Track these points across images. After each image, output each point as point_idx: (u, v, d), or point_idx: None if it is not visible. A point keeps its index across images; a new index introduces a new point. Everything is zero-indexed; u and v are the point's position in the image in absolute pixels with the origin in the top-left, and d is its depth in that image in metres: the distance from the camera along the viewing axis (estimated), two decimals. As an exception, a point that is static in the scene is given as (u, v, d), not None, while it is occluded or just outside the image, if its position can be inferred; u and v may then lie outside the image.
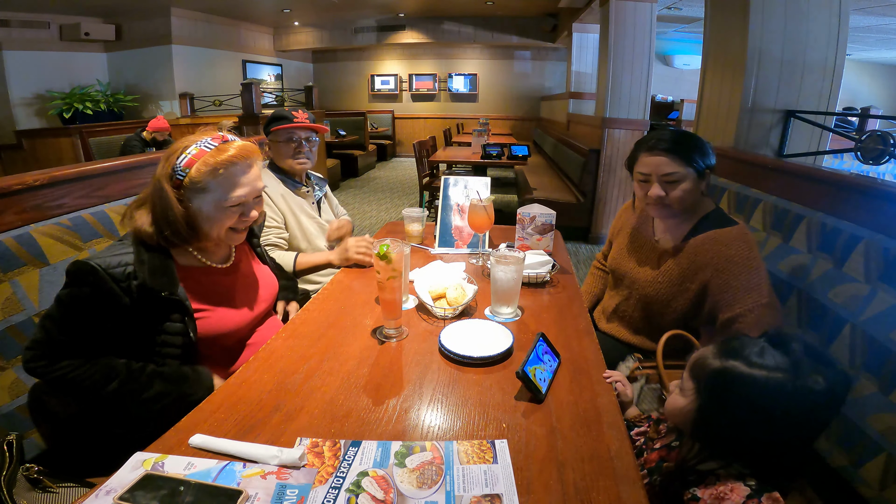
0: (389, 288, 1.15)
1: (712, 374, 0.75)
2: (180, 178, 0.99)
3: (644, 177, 1.31)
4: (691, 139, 1.28)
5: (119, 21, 6.98)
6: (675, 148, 1.25)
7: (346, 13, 8.55)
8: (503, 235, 1.83)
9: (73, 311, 0.93)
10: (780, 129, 2.24)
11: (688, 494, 0.75)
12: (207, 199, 1.02)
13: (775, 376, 0.70)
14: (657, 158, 1.26)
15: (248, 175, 1.05)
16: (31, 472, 0.84)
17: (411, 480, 0.71)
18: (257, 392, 0.92)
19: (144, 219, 1.00)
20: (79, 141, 5.08)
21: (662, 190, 1.27)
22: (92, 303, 0.93)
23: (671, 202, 1.27)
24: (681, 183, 1.25)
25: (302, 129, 1.74)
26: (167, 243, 1.02)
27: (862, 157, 1.91)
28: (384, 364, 1.03)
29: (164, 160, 1.01)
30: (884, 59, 9.51)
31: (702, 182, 1.28)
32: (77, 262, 0.93)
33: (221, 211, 1.03)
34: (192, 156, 1.00)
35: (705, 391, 0.76)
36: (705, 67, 2.57)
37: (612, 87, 4.33)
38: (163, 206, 0.99)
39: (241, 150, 1.03)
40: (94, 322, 0.95)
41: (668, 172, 1.25)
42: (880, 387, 1.02)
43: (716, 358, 0.75)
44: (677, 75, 9.72)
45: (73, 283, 0.93)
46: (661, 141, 1.27)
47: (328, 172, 6.13)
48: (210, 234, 1.06)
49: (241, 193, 1.04)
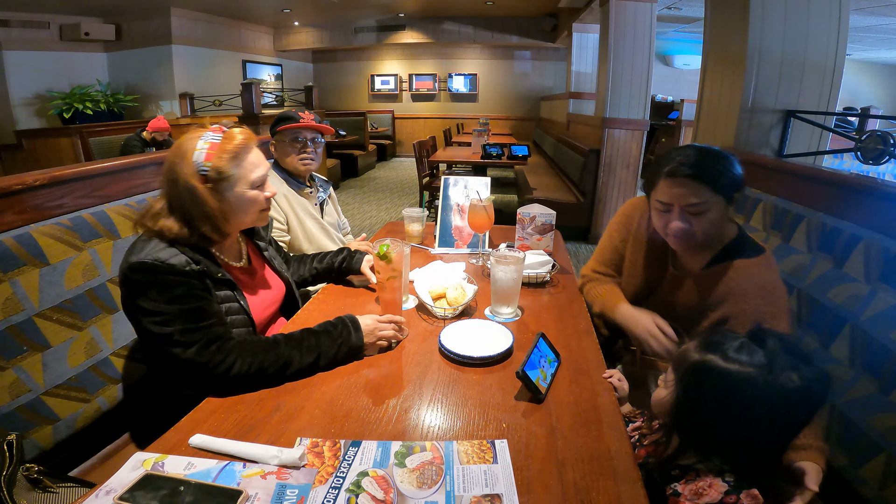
0: (389, 288, 1.15)
1: (691, 366, 0.77)
2: (204, 172, 1.00)
3: (665, 206, 1.12)
4: (719, 160, 1.09)
5: (119, 21, 6.98)
6: (702, 173, 1.06)
7: (346, 13, 8.54)
8: (503, 235, 1.83)
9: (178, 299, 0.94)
10: (780, 129, 2.24)
11: (669, 489, 0.77)
12: (236, 185, 1.04)
13: (747, 371, 0.71)
14: (680, 187, 1.08)
15: (258, 154, 1.09)
16: (31, 472, 0.84)
17: (411, 480, 0.71)
18: (257, 392, 0.92)
19: (171, 224, 0.99)
20: (79, 141, 5.08)
21: (686, 222, 1.09)
22: (183, 285, 0.95)
23: (696, 233, 1.10)
24: (707, 213, 1.08)
25: (308, 129, 1.75)
26: (204, 242, 1.03)
27: (862, 157, 1.91)
28: (384, 364, 1.03)
29: (180, 162, 1.00)
30: (884, 59, 9.51)
31: (730, 209, 1.11)
32: (134, 265, 0.92)
33: (250, 194, 1.07)
34: (207, 150, 1.01)
35: (682, 382, 0.78)
36: (705, 67, 2.57)
37: (612, 87, 4.33)
38: (198, 205, 0.99)
39: (246, 133, 1.07)
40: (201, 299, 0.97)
41: (693, 203, 1.07)
42: (880, 387, 1.02)
43: (696, 351, 0.77)
44: (677, 75, 9.72)
45: (153, 281, 0.93)
46: (683, 165, 1.07)
47: (328, 172, 6.13)
48: (244, 222, 1.10)
49: (262, 172, 1.08)
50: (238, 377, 0.92)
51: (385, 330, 1.08)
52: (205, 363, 0.92)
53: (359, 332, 1.04)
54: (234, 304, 1.06)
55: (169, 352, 0.93)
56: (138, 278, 0.93)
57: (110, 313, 1.26)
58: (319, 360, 0.99)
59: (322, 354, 0.99)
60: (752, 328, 0.78)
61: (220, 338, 0.95)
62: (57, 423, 1.11)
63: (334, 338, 1.02)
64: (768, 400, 0.70)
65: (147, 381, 1.34)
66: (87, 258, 1.21)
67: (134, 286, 0.94)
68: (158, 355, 1.04)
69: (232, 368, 0.92)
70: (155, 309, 0.93)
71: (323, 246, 1.81)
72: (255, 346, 0.96)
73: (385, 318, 1.10)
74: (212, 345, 0.93)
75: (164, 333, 0.93)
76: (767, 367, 0.71)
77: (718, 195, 1.06)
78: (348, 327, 1.04)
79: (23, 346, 1.06)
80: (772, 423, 0.72)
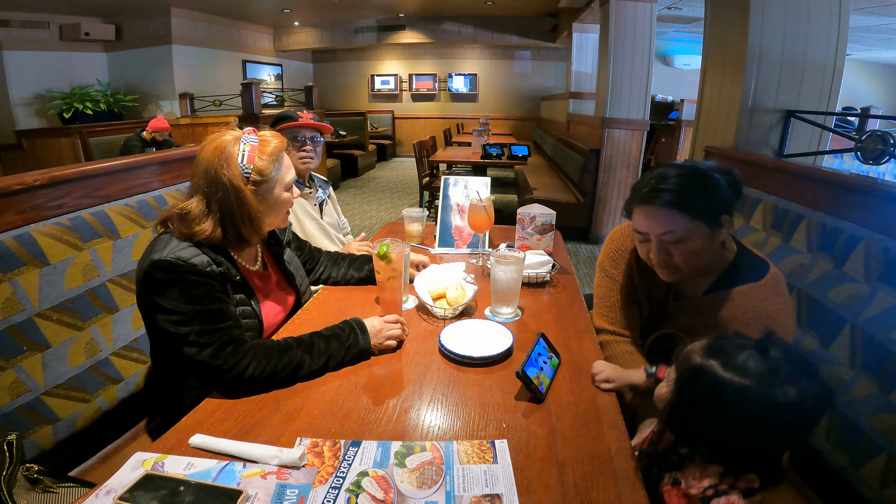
0: (390, 288, 1.15)
1: (691, 368, 0.76)
2: (248, 174, 1.02)
3: (642, 236, 1.03)
4: (697, 182, 0.97)
5: (119, 21, 6.97)
6: (676, 199, 0.95)
7: (346, 13, 8.54)
8: (503, 235, 1.83)
9: (197, 299, 0.94)
10: (780, 129, 2.24)
11: (669, 478, 0.77)
12: (275, 187, 1.08)
13: (743, 380, 0.69)
14: (652, 214, 0.98)
15: (288, 158, 1.13)
16: (31, 472, 0.84)
17: (411, 480, 0.71)
18: (256, 393, 0.92)
19: (207, 226, 0.99)
20: (79, 141, 5.07)
21: (664, 252, 1.00)
22: (203, 285, 0.95)
23: (678, 264, 1.00)
24: (687, 242, 0.97)
25: (307, 127, 1.75)
26: (228, 244, 1.04)
27: (862, 157, 1.91)
28: (384, 364, 1.03)
29: (225, 165, 0.99)
30: (884, 59, 9.51)
31: (718, 233, 0.99)
32: (157, 262, 0.93)
33: (284, 196, 1.10)
34: (248, 153, 1.02)
35: (680, 383, 0.77)
36: (705, 67, 2.57)
37: (612, 87, 4.33)
38: (243, 206, 1.01)
39: (278, 137, 1.10)
40: (220, 301, 0.98)
41: (666, 231, 0.97)
42: (880, 387, 1.02)
43: (700, 354, 0.76)
44: (677, 75, 9.71)
45: (174, 280, 0.93)
46: (656, 191, 0.97)
47: (328, 172, 6.13)
48: (274, 223, 1.13)
49: (294, 174, 1.13)
50: (251, 379, 0.92)
51: (392, 330, 1.09)
52: (219, 365, 0.92)
53: (366, 335, 1.05)
54: (247, 308, 1.07)
55: (183, 352, 0.93)
56: (160, 276, 0.93)
57: (110, 313, 1.26)
58: (329, 364, 1.00)
59: (332, 358, 1.00)
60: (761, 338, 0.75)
61: (235, 340, 0.95)
62: (57, 423, 1.11)
63: (342, 341, 1.03)
64: (760, 411, 0.68)
65: (148, 381, 1.34)
66: (87, 258, 1.21)
67: (154, 284, 0.94)
68: (167, 354, 1.05)
69: (246, 371, 0.92)
70: (174, 308, 0.93)
71: (322, 246, 1.81)
72: (269, 349, 0.97)
73: (391, 317, 1.11)
74: (227, 347, 0.94)
75: (180, 333, 0.93)
76: (765, 378, 0.69)
77: (698, 222, 0.96)
78: (355, 331, 1.05)
79: (23, 346, 1.06)
80: (764, 434, 0.71)
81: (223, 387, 0.93)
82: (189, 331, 0.93)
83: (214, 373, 0.92)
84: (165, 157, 1.57)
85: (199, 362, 0.92)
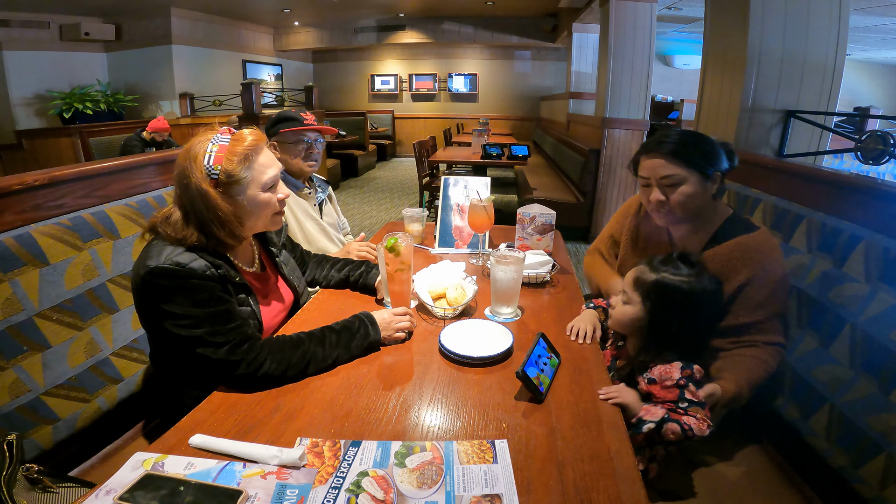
0: (398, 280, 1.16)
1: (653, 283, 1.03)
2: (215, 176, 0.98)
3: (645, 181, 1.24)
4: (694, 140, 1.21)
5: (119, 21, 6.98)
6: (675, 149, 1.18)
7: (346, 13, 8.54)
8: (503, 235, 1.83)
9: (203, 302, 0.94)
10: (780, 129, 2.24)
11: (644, 379, 1.02)
12: (248, 188, 1.03)
13: (690, 280, 1.02)
14: (654, 161, 1.20)
15: (268, 155, 1.08)
16: (31, 472, 0.84)
17: (411, 480, 0.71)
18: (257, 392, 0.92)
19: (190, 232, 0.98)
20: (79, 141, 5.08)
21: (662, 194, 1.20)
22: (205, 289, 0.95)
23: (673, 207, 1.20)
24: (680, 186, 1.18)
25: (312, 131, 1.75)
26: (219, 247, 1.03)
27: (862, 157, 1.91)
28: (384, 364, 1.04)
29: (191, 166, 0.98)
30: (884, 59, 9.51)
31: (709, 185, 1.19)
32: (154, 270, 0.92)
33: (262, 197, 1.05)
34: (216, 153, 0.99)
35: (651, 297, 1.03)
36: (705, 67, 2.57)
37: (612, 87, 4.33)
38: (211, 209, 0.98)
39: (255, 135, 1.05)
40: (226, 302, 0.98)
41: (665, 175, 1.18)
42: (880, 387, 1.02)
43: (650, 271, 1.05)
44: (677, 75, 9.71)
45: (176, 286, 0.93)
46: (660, 143, 1.20)
47: (328, 172, 6.13)
48: (258, 225, 1.10)
49: (273, 173, 1.07)
50: (266, 375, 0.94)
51: (401, 322, 1.11)
52: (237, 362, 0.92)
53: (375, 327, 1.07)
54: (246, 309, 1.06)
55: (198, 353, 0.93)
56: (161, 283, 0.93)
57: (110, 313, 1.26)
58: (340, 357, 1.02)
59: (343, 351, 1.02)
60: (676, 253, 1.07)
61: (249, 338, 0.96)
62: (57, 423, 1.11)
63: (353, 333, 1.05)
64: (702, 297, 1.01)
65: (148, 381, 1.34)
66: (87, 258, 1.21)
67: (156, 291, 0.94)
68: (168, 358, 1.05)
69: (262, 366, 0.93)
70: (183, 312, 0.93)
71: (322, 247, 1.81)
72: (283, 344, 0.98)
73: (400, 310, 1.13)
74: (243, 344, 0.94)
75: (193, 336, 0.93)
76: (696, 276, 1.02)
77: (691, 169, 1.17)
78: (365, 323, 1.07)
79: (23, 346, 1.06)
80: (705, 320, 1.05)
81: (235, 382, 0.94)
82: (203, 332, 0.93)
83: (231, 370, 0.93)
84: (165, 157, 1.57)
85: (216, 361, 0.93)
